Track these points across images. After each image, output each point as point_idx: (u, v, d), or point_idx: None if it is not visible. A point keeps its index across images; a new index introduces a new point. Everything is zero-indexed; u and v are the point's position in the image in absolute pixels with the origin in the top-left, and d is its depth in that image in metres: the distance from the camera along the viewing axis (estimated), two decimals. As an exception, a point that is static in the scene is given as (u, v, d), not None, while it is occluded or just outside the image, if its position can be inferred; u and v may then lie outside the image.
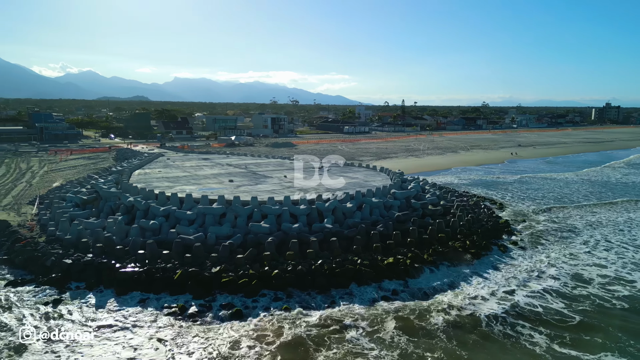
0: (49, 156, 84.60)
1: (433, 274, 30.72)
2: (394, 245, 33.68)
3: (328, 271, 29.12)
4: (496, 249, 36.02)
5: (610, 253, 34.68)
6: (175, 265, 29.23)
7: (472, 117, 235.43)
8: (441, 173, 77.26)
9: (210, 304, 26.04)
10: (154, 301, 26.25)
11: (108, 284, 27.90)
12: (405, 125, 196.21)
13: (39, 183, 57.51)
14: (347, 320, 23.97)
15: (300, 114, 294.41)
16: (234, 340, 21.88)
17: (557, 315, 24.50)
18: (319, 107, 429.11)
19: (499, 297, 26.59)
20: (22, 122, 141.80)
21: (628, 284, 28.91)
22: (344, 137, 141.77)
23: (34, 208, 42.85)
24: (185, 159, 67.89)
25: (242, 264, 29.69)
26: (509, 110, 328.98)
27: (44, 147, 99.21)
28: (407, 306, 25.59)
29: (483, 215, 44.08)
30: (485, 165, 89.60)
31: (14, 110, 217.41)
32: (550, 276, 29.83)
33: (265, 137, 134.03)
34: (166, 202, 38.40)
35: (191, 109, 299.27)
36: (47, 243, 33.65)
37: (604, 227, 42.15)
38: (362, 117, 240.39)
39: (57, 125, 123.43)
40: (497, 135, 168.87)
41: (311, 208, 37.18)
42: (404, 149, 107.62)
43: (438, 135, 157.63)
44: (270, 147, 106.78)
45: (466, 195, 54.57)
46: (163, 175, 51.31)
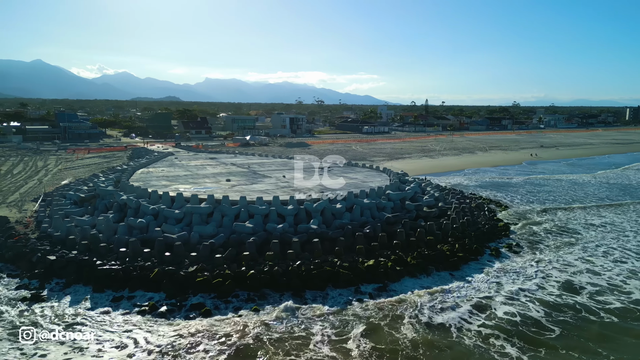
0: (67, 154, 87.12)
1: (415, 278, 29.89)
2: (378, 248, 32.97)
3: (305, 273, 28.74)
4: (488, 252, 34.86)
5: (608, 260, 32.96)
6: (154, 264, 29.42)
7: (497, 117, 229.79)
8: (452, 174, 75.60)
9: (181, 303, 26.03)
10: (126, 299, 26.43)
11: (87, 281, 28.28)
12: (426, 126, 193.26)
13: (49, 180, 59.18)
14: (315, 324, 23.49)
15: (323, 114, 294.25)
16: (195, 341, 21.72)
17: (535, 326, 23.33)
18: (343, 107, 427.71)
19: (476, 304, 25.56)
20: (49, 121, 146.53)
21: (622, 294, 27.32)
22: (361, 137, 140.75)
23: (36, 205, 44.00)
24: (192, 158, 68.64)
25: (220, 263, 29.63)
26: (538, 110, 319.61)
27: (65, 145, 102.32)
28: (381, 311, 24.90)
29: (482, 218, 42.74)
30: (501, 166, 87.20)
31: (45, 110, 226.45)
32: (537, 283, 28.53)
33: (282, 137, 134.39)
34: (158, 201, 38.82)
35: (218, 109, 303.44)
36: (38, 239, 34.44)
37: (608, 232, 40.20)
38: (383, 117, 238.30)
39: (80, 125, 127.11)
40: (520, 135, 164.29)
41: (299, 208, 36.84)
42: (419, 150, 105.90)
43: (459, 136, 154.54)
44: (283, 147, 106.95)
45: (470, 197, 53.10)
46: (164, 174, 51.94)
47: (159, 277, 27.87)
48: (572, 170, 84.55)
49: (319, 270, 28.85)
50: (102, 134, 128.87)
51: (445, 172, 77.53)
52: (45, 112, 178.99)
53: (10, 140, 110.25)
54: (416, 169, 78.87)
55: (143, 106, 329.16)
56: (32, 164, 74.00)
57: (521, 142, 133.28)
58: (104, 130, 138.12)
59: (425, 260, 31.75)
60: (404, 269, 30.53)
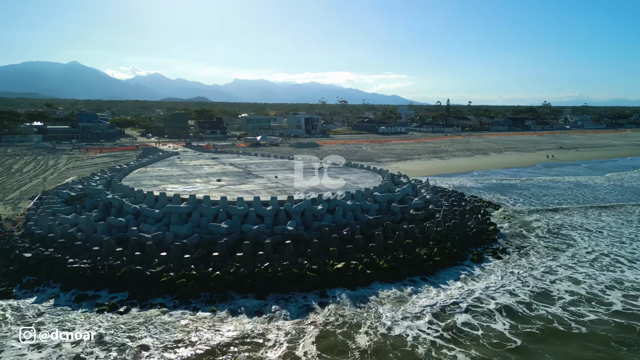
0: (80, 154, 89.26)
1: (385, 282, 29.11)
2: (353, 250, 32.28)
3: (270, 275, 28.36)
4: (470, 257, 33.68)
5: (595, 268, 31.33)
6: (123, 263, 29.56)
7: (520, 118, 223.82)
8: (459, 176, 73.87)
9: (142, 303, 26.06)
10: (90, 298, 26.58)
11: (57, 279, 28.63)
12: (446, 126, 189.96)
13: (54, 179, 60.61)
14: (269, 329, 23.04)
15: (345, 114, 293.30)
16: (143, 344, 21.62)
17: (497, 338, 22.24)
18: (366, 107, 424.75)
19: (439, 313, 24.57)
20: (71, 121, 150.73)
21: (600, 305, 25.82)
22: (376, 138, 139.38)
23: (31, 203, 45.04)
24: (194, 158, 69.20)
25: (188, 264, 29.54)
26: (565, 110, 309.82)
27: (80, 145, 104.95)
28: (340, 317, 24.21)
29: (473, 221, 41.42)
30: (514, 168, 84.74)
31: (75, 110, 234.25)
32: (511, 291, 27.32)
33: (295, 137, 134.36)
34: (142, 200, 39.12)
35: (240, 110, 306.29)
36: (22, 237, 35.15)
37: (604, 238, 38.31)
38: (403, 117, 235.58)
39: (98, 125, 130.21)
40: (542, 136, 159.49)
41: (278, 209, 36.48)
42: (431, 151, 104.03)
43: (477, 136, 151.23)
44: (293, 147, 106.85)
45: (467, 200, 51.65)
46: (159, 173, 52.44)
47: (125, 277, 27.99)
48: (586, 172, 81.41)
49: (285, 273, 28.42)
50: (119, 133, 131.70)
51: (452, 174, 75.87)
52: (69, 112, 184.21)
53: (31, 139, 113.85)
54: (422, 170, 77.52)
55: (169, 106, 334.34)
56: (43, 163, 76.09)
57: (540, 143, 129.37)
58: (122, 130, 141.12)
59: (400, 264, 30.87)
60: (375, 273, 29.78)
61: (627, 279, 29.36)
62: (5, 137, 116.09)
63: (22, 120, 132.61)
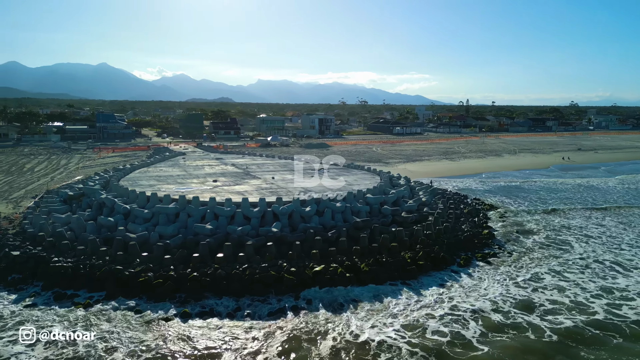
0: (93, 154, 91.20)
1: (363, 286, 28.63)
2: (336, 253, 31.89)
3: (247, 277, 28.25)
4: (458, 262, 32.83)
5: (585, 275, 30.14)
6: (104, 263, 29.86)
7: (541, 118, 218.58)
8: (466, 177, 72.52)
9: (118, 302, 26.23)
10: (68, 297, 26.87)
11: (40, 278, 29.12)
12: (463, 127, 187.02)
13: (61, 178, 62.00)
14: (236, 334, 22.84)
15: (364, 115, 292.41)
16: (111, 346, 21.76)
17: (462, 347, 21.52)
18: (386, 107, 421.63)
19: (411, 321, 23.89)
20: (91, 121, 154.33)
21: (581, 314, 24.69)
22: (390, 139, 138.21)
23: (32, 202, 46.13)
24: (198, 159, 69.81)
25: (169, 264, 29.67)
26: (590, 110, 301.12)
27: (95, 144, 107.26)
28: (310, 323, 23.84)
29: (467, 225, 40.50)
30: (526, 170, 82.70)
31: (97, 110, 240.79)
32: (491, 299, 26.49)
33: (307, 138, 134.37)
34: (135, 200, 39.57)
35: (259, 110, 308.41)
36: (15, 235, 35.99)
37: (602, 244, 36.90)
38: (420, 117, 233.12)
39: (115, 125, 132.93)
40: (562, 138, 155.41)
41: (266, 211, 36.38)
42: (442, 152, 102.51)
43: (494, 138, 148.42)
44: (303, 148, 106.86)
45: (467, 202, 50.62)
46: (159, 173, 53.03)
47: (105, 276, 28.29)
48: (601, 174, 78.89)
49: (262, 275, 28.27)
50: (135, 133, 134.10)
51: (459, 175, 74.54)
52: (90, 112, 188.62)
53: (50, 139, 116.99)
54: (429, 172, 76.48)
55: (192, 107, 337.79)
56: (55, 162, 78.01)
57: (558, 145, 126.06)
58: (139, 130, 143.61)
59: (381, 267, 30.36)
60: (355, 276, 29.33)
61: (618, 287, 28.17)
62: (25, 137, 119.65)
63: (41, 120, 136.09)
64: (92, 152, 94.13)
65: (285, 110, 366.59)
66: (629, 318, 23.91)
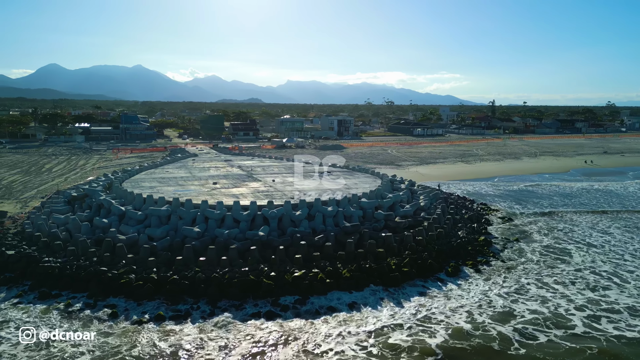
0: (111, 154, 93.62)
1: (342, 292, 28.32)
2: (320, 258, 31.63)
3: (226, 281, 28.34)
4: (447, 270, 31.99)
5: (575, 287, 28.88)
6: (91, 263, 30.48)
7: (570, 120, 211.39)
8: (478, 181, 70.85)
9: (97, 303, 26.72)
10: (52, 297, 27.50)
11: (29, 277, 29.96)
12: (487, 128, 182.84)
13: (75, 179, 63.84)
14: (204, 341, 22.90)
15: (388, 115, 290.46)
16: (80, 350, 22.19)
17: (421, 358, 20.95)
18: (413, 108, 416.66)
19: (377, 330, 23.47)
20: (117, 123, 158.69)
21: (557, 328, 23.63)
22: (408, 140, 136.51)
23: (39, 202, 47.63)
24: (207, 160, 70.61)
25: (152, 267, 30.04)
26: (623, 111, 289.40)
27: (115, 145, 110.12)
28: (280, 330, 23.70)
29: (464, 231, 39.51)
30: (544, 174, 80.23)
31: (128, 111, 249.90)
32: (469, 309, 25.71)
33: (325, 139, 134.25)
34: (132, 202, 40.32)
35: (282, 111, 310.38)
36: (14, 235, 37.23)
37: (603, 254, 35.32)
38: (444, 118, 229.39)
39: (137, 126, 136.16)
40: (589, 140, 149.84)
41: (256, 214, 36.43)
42: (459, 154, 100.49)
43: (517, 140, 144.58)
44: (318, 149, 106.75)
45: (468, 207, 49.41)
46: (163, 175, 53.88)
47: (88, 277, 28.90)
48: (626, 178, 75.72)
49: (241, 280, 28.29)
50: (156, 134, 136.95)
51: (472, 179, 72.92)
52: (116, 113, 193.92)
53: (75, 140, 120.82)
54: (440, 175, 75.15)
55: (221, 108, 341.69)
56: (74, 163, 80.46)
57: (584, 147, 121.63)
58: (160, 131, 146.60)
59: (364, 273, 29.93)
60: (335, 282, 29.04)
61: (607, 300, 26.88)
62: (51, 137, 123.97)
63: (67, 122, 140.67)
64: (111, 153, 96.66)
65: (311, 111, 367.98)
66: (608, 333, 22.75)
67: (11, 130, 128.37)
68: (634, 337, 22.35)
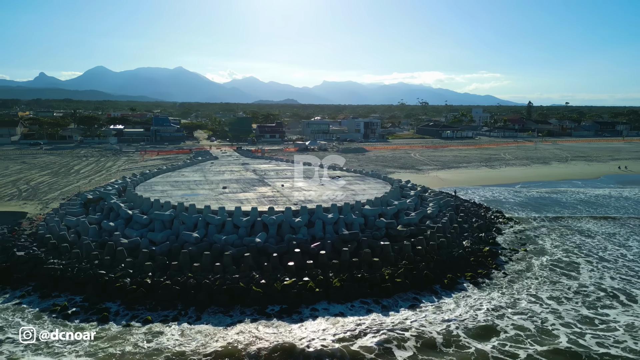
0: (138, 156, 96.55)
1: (333, 302, 28.17)
2: (313, 266, 31.53)
3: (216, 288, 28.69)
4: (443, 282, 31.18)
5: (573, 304, 27.55)
6: (92, 266, 31.50)
7: (610, 122, 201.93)
8: (499, 187, 68.80)
9: (95, 307, 27.49)
10: (52, 298, 28.60)
11: (34, 279, 31.21)
12: (521, 130, 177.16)
13: (99, 181, 66.21)
14: (182, 347, 23.32)
15: (420, 117, 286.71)
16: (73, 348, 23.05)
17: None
18: (447, 109, 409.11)
19: (345, 338, 23.31)
20: (149, 125, 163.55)
21: (539, 344, 22.67)
22: (434, 143, 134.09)
23: (59, 204, 49.69)
24: (225, 163, 71.69)
25: (147, 271, 30.77)
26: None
27: (144, 147, 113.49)
28: (256, 340, 23.78)
29: (470, 240, 38.42)
30: (572, 180, 77.01)
31: (168, 113, 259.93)
32: (447, 324, 24.98)
33: (350, 142, 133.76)
34: (141, 206, 41.45)
35: (318, 112, 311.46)
36: (29, 236, 39.01)
37: (615, 270, 33.51)
38: (477, 120, 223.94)
39: (167, 128, 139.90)
40: (629, 144, 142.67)
41: (256, 220, 36.72)
42: (485, 159, 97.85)
43: (550, 143, 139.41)
44: (340, 152, 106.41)
45: (480, 215, 48.03)
46: (177, 179, 55.08)
47: (86, 280, 29.89)
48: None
49: (230, 287, 28.58)
50: (185, 137, 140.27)
51: (493, 185, 70.88)
52: (151, 115, 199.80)
53: (108, 141, 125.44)
54: (461, 180, 73.47)
55: (256, 109, 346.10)
56: (102, 165, 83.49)
57: (621, 152, 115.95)
58: (190, 133, 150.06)
59: (355, 283, 29.62)
60: (324, 291, 28.88)
61: (603, 319, 25.50)
62: (86, 139, 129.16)
63: (101, 124, 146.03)
64: (138, 154, 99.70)
65: (343, 112, 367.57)
66: (592, 350, 21.66)
67: (50, 131, 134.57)
68: (618, 355, 21.20)
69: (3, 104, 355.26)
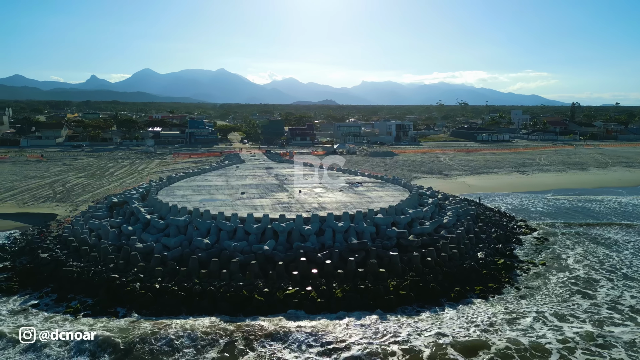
0: (170, 159, 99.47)
1: (331, 313, 28.17)
2: (318, 276, 31.58)
3: (220, 295, 29.26)
4: (450, 296, 30.49)
5: (580, 321, 26.37)
6: (107, 269, 32.77)
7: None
8: (528, 194, 66.51)
9: (101, 309, 28.68)
10: (67, 301, 29.99)
11: (53, 280, 32.75)
12: (561, 133, 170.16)
13: (129, 183, 68.72)
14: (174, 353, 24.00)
15: (457, 118, 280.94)
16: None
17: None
18: (489, 109, 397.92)
19: (332, 345, 23.29)
20: (185, 127, 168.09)
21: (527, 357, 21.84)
22: (467, 147, 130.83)
23: (87, 206, 51.96)
24: (249, 168, 72.72)
25: (157, 276, 31.75)
26: None
27: (177, 150, 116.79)
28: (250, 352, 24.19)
29: (485, 252, 37.36)
30: (610, 187, 73.35)
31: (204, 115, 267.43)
32: (439, 338, 24.58)
33: (380, 145, 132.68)
34: (160, 210, 42.79)
35: (348, 114, 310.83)
36: (54, 238, 41.04)
37: (636, 287, 31.69)
38: (516, 122, 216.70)
39: (201, 131, 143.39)
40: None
41: (266, 227, 37.14)
42: (518, 164, 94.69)
43: (592, 147, 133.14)
44: (368, 156, 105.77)
45: (502, 225, 46.54)
46: (199, 183, 56.32)
47: (100, 284, 31.16)
48: None
49: (233, 294, 29.07)
50: (218, 139, 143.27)
51: (523, 192, 68.55)
52: (187, 118, 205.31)
53: (145, 144, 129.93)
54: (489, 186, 71.55)
55: (295, 110, 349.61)
56: (135, 167, 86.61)
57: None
58: (224, 136, 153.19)
59: (358, 294, 29.47)
60: (325, 302, 28.90)
61: (605, 337, 24.21)
62: (125, 141, 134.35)
63: (139, 127, 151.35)
64: (171, 157, 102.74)
65: (380, 112, 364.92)
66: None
67: (92, 134, 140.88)
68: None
69: (56, 105, 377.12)
